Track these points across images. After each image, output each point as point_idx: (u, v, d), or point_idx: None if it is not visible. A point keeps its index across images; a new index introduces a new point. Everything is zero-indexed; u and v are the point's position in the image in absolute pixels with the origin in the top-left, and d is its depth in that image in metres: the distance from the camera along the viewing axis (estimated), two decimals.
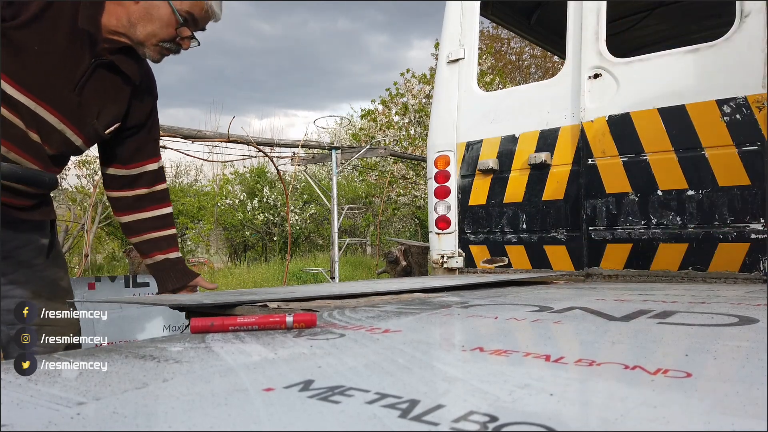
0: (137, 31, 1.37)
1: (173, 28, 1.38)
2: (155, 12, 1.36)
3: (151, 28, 1.37)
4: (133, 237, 1.65)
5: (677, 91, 2.37)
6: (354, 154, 7.18)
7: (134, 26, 1.37)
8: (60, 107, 1.38)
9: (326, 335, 0.94)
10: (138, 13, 1.36)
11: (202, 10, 1.41)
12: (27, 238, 1.49)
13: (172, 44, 1.42)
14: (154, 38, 1.39)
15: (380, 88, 21.16)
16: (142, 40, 1.38)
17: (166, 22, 1.37)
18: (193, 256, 13.15)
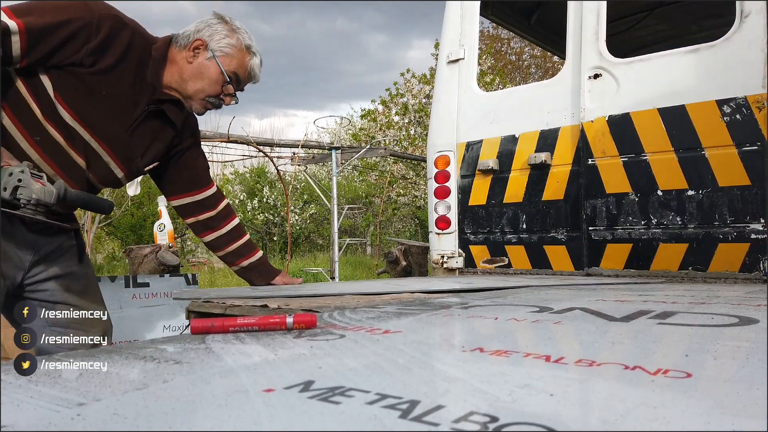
0: (188, 86, 1.57)
1: (220, 86, 1.58)
2: (206, 71, 1.56)
3: (201, 85, 1.57)
4: (217, 252, 1.92)
5: (677, 91, 2.37)
6: (354, 154, 7.18)
7: (186, 82, 1.57)
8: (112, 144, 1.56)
9: (326, 336, 0.94)
10: (191, 71, 1.56)
11: (246, 72, 1.62)
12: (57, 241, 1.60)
13: (216, 99, 1.61)
14: (202, 93, 1.58)
15: (380, 88, 21.19)
16: (191, 94, 1.58)
17: (215, 81, 1.57)
18: (193, 256, 13.16)
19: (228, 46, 1.57)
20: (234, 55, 1.58)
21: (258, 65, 1.64)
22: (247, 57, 1.61)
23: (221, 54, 1.56)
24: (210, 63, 1.56)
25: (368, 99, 33.94)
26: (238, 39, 1.58)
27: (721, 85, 2.25)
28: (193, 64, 1.56)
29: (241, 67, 1.61)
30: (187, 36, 1.56)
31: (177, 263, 3.68)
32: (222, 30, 1.57)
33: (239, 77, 1.62)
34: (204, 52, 1.56)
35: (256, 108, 35.51)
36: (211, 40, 1.55)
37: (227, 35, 1.57)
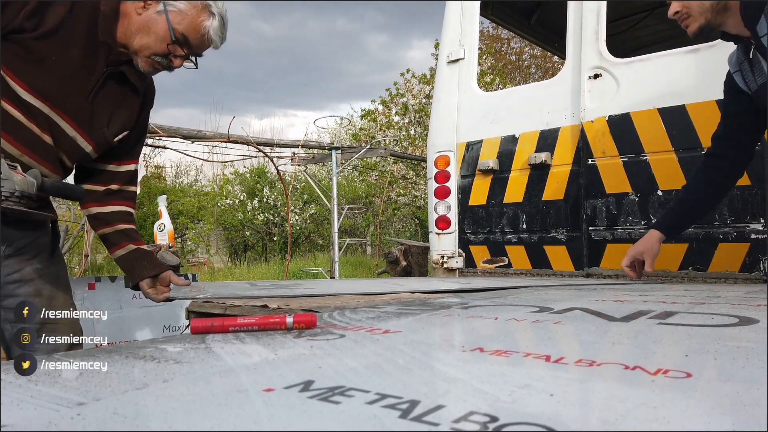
0: (134, 41, 1.43)
1: (166, 45, 1.43)
2: (153, 26, 1.42)
3: (146, 41, 1.42)
4: (104, 228, 1.63)
5: (677, 91, 2.38)
6: (354, 154, 7.18)
7: (132, 36, 1.43)
8: (73, 115, 1.45)
9: (326, 336, 0.94)
10: (138, 24, 1.42)
11: (198, 34, 1.45)
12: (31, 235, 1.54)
13: (163, 59, 1.46)
14: (147, 50, 1.44)
15: (380, 89, 21.19)
16: (137, 49, 1.44)
17: (161, 38, 1.42)
18: (194, 256, 13.16)
19: (182, 2, 1.41)
20: (187, 12, 1.42)
21: (217, 28, 1.46)
22: (202, 17, 1.44)
23: (173, 9, 1.41)
24: (159, 17, 1.40)
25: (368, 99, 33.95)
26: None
27: (721, 85, 2.25)
28: (142, 16, 1.41)
29: (194, 29, 1.44)
30: None
31: (177, 263, 3.67)
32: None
33: (189, 40, 1.45)
34: (155, 4, 1.41)
35: (256, 108, 35.55)
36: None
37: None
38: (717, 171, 1.98)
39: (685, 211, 2.06)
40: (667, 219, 2.09)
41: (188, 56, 1.48)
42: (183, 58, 1.47)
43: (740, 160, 1.97)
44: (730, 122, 1.92)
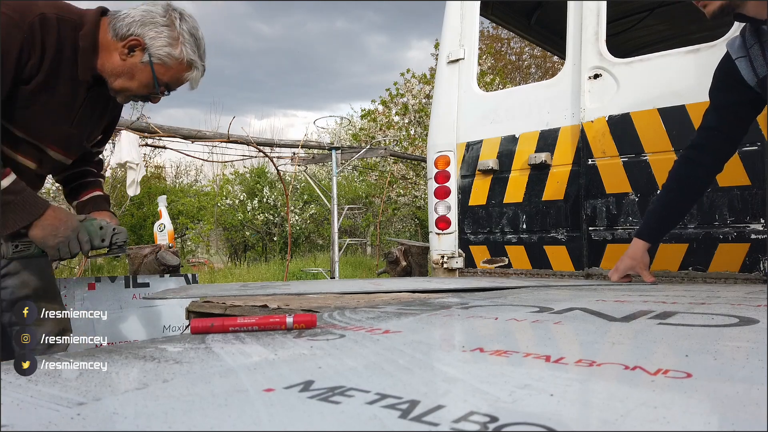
0: (115, 81, 1.47)
1: (148, 91, 1.49)
2: (138, 74, 1.45)
3: (128, 84, 1.47)
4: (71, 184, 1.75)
5: (677, 91, 2.37)
6: (354, 155, 7.18)
7: (115, 78, 1.46)
8: (58, 142, 1.53)
9: (326, 336, 0.94)
10: (121, 68, 1.45)
11: (180, 83, 1.52)
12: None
13: (142, 98, 1.54)
14: (128, 92, 1.49)
15: (379, 89, 21.17)
16: (117, 89, 1.48)
17: (144, 85, 1.47)
18: (194, 256, 13.16)
19: (168, 56, 1.44)
20: (172, 66, 1.46)
21: (197, 78, 1.52)
22: (185, 72, 1.49)
23: (158, 62, 1.43)
24: (144, 68, 1.44)
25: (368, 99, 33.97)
26: (181, 51, 1.45)
27: None
28: (126, 62, 1.43)
29: (177, 80, 1.50)
30: (128, 25, 1.41)
31: (177, 263, 3.68)
32: (166, 35, 1.43)
33: (171, 87, 1.51)
34: (140, 54, 1.43)
35: (255, 108, 35.56)
36: (151, 43, 1.42)
37: (170, 44, 1.43)
38: (701, 166, 1.92)
39: (668, 213, 2.01)
40: (650, 225, 2.04)
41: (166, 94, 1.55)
42: (161, 96, 1.54)
43: (727, 154, 1.92)
44: (724, 113, 1.85)
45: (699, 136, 1.93)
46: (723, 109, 1.85)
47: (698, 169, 1.93)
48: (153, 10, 1.44)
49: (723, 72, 1.83)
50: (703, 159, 1.91)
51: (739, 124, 1.86)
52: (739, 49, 1.74)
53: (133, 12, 1.43)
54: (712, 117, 1.89)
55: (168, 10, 1.45)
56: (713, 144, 1.89)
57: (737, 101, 1.80)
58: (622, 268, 2.05)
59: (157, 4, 1.46)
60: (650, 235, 2.03)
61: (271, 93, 49.71)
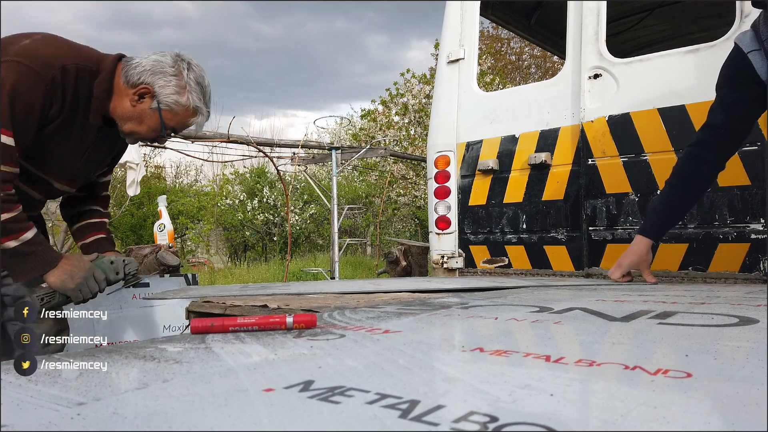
0: (125, 125, 1.56)
1: (156, 134, 1.58)
2: (146, 119, 1.54)
3: (137, 128, 1.56)
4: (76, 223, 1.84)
5: (677, 91, 2.37)
6: (354, 155, 7.17)
7: (125, 122, 1.55)
8: (67, 177, 1.64)
9: (326, 336, 0.94)
10: (131, 113, 1.54)
11: (185, 128, 1.62)
12: None
13: (150, 140, 1.63)
14: (136, 135, 1.59)
15: (379, 89, 21.15)
16: (126, 132, 1.57)
17: (153, 129, 1.56)
18: (194, 256, 13.16)
19: (175, 104, 1.53)
20: (179, 113, 1.55)
21: (202, 123, 1.63)
22: (191, 117, 1.59)
23: (166, 108, 1.53)
24: (152, 114, 1.53)
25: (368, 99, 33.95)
26: (187, 99, 1.54)
27: None
28: (136, 108, 1.53)
29: (183, 125, 1.60)
30: (138, 74, 1.51)
31: (177, 263, 3.68)
32: (174, 84, 1.52)
33: (177, 130, 1.62)
34: (149, 101, 1.52)
35: (255, 108, 35.56)
36: (160, 91, 1.51)
37: (177, 92, 1.53)
38: (705, 164, 1.90)
39: (671, 210, 2.00)
40: (653, 222, 2.03)
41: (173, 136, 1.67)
42: (167, 138, 1.64)
43: (731, 152, 1.90)
44: (731, 111, 1.81)
45: (704, 133, 1.90)
46: (731, 106, 1.82)
47: (702, 166, 1.92)
48: (163, 60, 1.53)
49: (732, 68, 1.80)
50: (707, 156, 1.90)
51: (745, 121, 1.84)
52: (751, 42, 1.71)
53: (144, 61, 1.52)
54: (719, 114, 1.86)
55: (177, 60, 1.54)
56: (718, 141, 1.87)
57: (746, 98, 1.76)
58: (625, 264, 2.05)
59: (167, 54, 1.55)
60: (654, 232, 2.03)
61: (271, 93, 49.73)
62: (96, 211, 1.83)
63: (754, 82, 1.72)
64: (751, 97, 1.75)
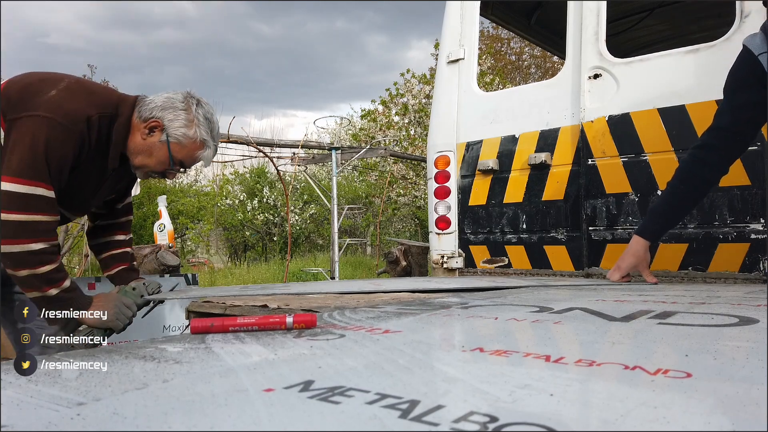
0: (136, 159, 1.62)
1: (165, 167, 1.63)
2: (155, 152, 1.60)
3: (147, 161, 1.61)
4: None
5: (677, 91, 2.37)
6: (354, 155, 7.18)
7: (135, 155, 1.61)
8: (79, 210, 1.76)
9: (326, 336, 0.94)
10: (141, 146, 1.60)
11: (193, 161, 1.66)
12: None
13: (159, 174, 1.67)
14: (146, 168, 1.63)
15: (379, 89, 21.14)
16: (137, 165, 1.63)
17: (161, 162, 1.61)
18: (194, 256, 13.16)
19: (183, 136, 1.59)
20: (187, 145, 1.61)
21: (209, 157, 1.68)
22: (199, 150, 1.64)
23: (174, 141, 1.59)
24: (161, 146, 1.59)
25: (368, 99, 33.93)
26: (195, 132, 1.60)
27: (720, 85, 2.25)
28: (146, 141, 1.59)
29: (190, 158, 1.64)
30: (150, 110, 1.58)
31: (177, 263, 3.68)
32: (182, 118, 1.59)
33: (185, 164, 1.66)
34: (159, 134, 1.58)
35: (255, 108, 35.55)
36: (169, 125, 1.58)
37: (185, 125, 1.59)
38: (709, 167, 1.89)
39: (672, 212, 1.99)
40: (653, 223, 2.02)
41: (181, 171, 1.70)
42: (176, 173, 1.68)
43: (736, 156, 1.88)
44: (739, 114, 1.79)
45: (710, 136, 1.88)
46: (739, 109, 1.79)
47: (705, 169, 1.90)
48: (174, 97, 1.61)
49: (742, 70, 1.77)
50: (711, 159, 1.88)
51: (753, 125, 1.81)
52: (761, 44, 1.69)
53: (157, 98, 1.61)
54: (726, 117, 1.83)
55: (187, 97, 1.62)
56: (724, 145, 1.85)
57: (755, 101, 1.74)
58: (624, 266, 2.04)
59: (178, 93, 1.63)
60: (653, 233, 2.02)
61: (271, 93, 49.76)
62: (118, 242, 1.91)
63: (763, 85, 1.69)
64: (760, 100, 1.72)
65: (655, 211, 2.06)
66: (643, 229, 2.04)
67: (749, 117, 1.79)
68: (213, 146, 1.68)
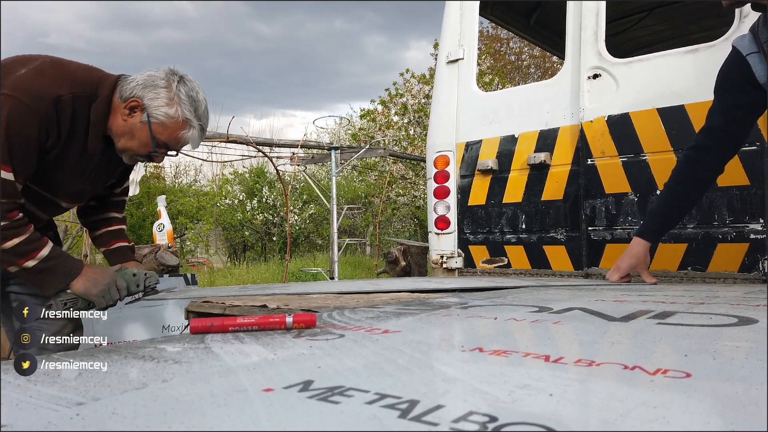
0: (119, 142, 1.56)
1: (149, 150, 1.56)
2: (137, 133, 1.53)
3: (130, 144, 1.55)
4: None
5: (676, 91, 2.37)
6: (353, 155, 7.18)
7: (118, 138, 1.55)
8: (73, 197, 1.68)
9: (326, 336, 0.94)
10: (123, 127, 1.53)
11: (178, 143, 1.58)
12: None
13: (144, 157, 1.60)
14: (130, 151, 1.57)
15: (378, 89, 21.18)
16: (120, 148, 1.57)
17: (144, 144, 1.55)
18: (193, 256, 13.16)
19: (164, 116, 1.51)
20: (169, 125, 1.53)
21: (195, 137, 1.59)
22: (182, 130, 1.55)
23: (155, 121, 1.51)
24: (143, 127, 1.52)
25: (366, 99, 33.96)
26: (176, 110, 1.52)
27: None
28: (127, 122, 1.52)
29: (174, 139, 1.56)
30: (131, 89, 1.51)
31: (176, 263, 3.68)
32: (163, 96, 1.51)
33: (170, 146, 1.58)
34: (139, 114, 1.51)
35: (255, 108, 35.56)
36: (150, 103, 1.50)
37: (166, 104, 1.51)
38: (704, 167, 1.90)
39: (670, 213, 2.00)
40: (652, 224, 2.03)
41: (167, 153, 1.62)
42: (162, 156, 1.61)
43: (730, 155, 1.89)
44: (730, 114, 1.81)
45: (703, 136, 1.90)
46: (729, 109, 1.82)
47: (701, 169, 1.91)
48: (155, 75, 1.53)
49: (731, 70, 1.79)
50: (706, 159, 1.89)
51: (744, 124, 1.83)
52: (750, 45, 1.71)
53: (138, 77, 1.53)
54: (718, 118, 1.85)
55: (168, 74, 1.54)
56: (718, 145, 1.87)
57: (745, 101, 1.76)
58: (623, 267, 2.05)
59: (160, 70, 1.54)
60: (652, 234, 2.02)
61: (271, 93, 49.76)
62: (113, 219, 1.86)
63: (753, 86, 1.72)
64: (749, 100, 1.75)
65: (654, 212, 2.06)
66: (643, 231, 2.04)
67: (740, 117, 1.82)
68: (198, 126, 1.58)
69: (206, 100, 1.59)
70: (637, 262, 2.02)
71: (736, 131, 1.85)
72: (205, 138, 6.03)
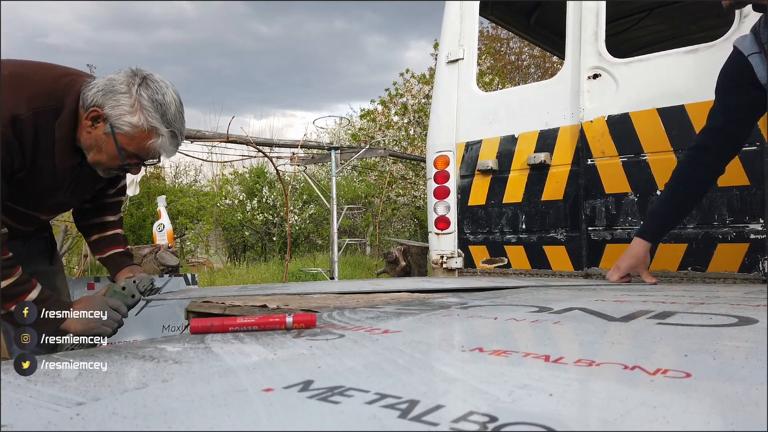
0: (89, 155, 1.44)
1: (119, 162, 1.43)
2: (104, 146, 1.40)
3: (99, 157, 1.42)
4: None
5: (676, 91, 2.37)
6: (353, 155, 7.17)
7: (87, 151, 1.43)
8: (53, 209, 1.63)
9: (326, 336, 0.94)
10: (90, 141, 1.41)
11: (148, 153, 1.43)
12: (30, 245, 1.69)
13: (119, 169, 1.48)
14: (101, 165, 1.45)
15: (378, 89, 21.20)
16: (92, 162, 1.45)
17: (113, 157, 1.41)
18: (193, 256, 13.16)
19: (128, 125, 1.36)
20: (135, 135, 1.37)
21: (167, 145, 1.42)
22: (149, 140, 1.39)
23: (120, 132, 1.37)
24: (107, 139, 1.38)
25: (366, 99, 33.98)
26: (139, 118, 1.36)
27: None
28: (92, 134, 1.39)
29: (143, 149, 1.41)
30: (92, 96, 1.37)
31: (176, 264, 3.68)
32: (124, 103, 1.36)
33: (140, 157, 1.44)
34: (102, 125, 1.37)
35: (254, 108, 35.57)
36: (111, 112, 1.36)
37: (128, 112, 1.36)
38: (705, 168, 1.90)
39: (671, 213, 2.00)
40: (652, 225, 2.03)
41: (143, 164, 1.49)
42: (138, 166, 1.48)
43: (731, 155, 1.89)
44: (731, 115, 1.81)
45: (704, 137, 1.90)
46: (730, 109, 1.82)
47: (702, 170, 1.91)
48: (116, 78, 1.38)
49: (732, 71, 1.79)
50: (707, 160, 1.89)
51: (745, 124, 1.83)
52: (751, 46, 1.71)
53: (99, 82, 1.39)
54: (719, 118, 1.85)
55: (129, 76, 1.39)
56: (718, 145, 1.87)
57: (746, 101, 1.76)
58: (624, 267, 2.05)
59: (121, 72, 1.40)
60: (652, 235, 2.03)
61: (271, 93, 49.74)
62: (108, 223, 1.76)
63: (754, 86, 1.72)
64: (750, 100, 1.75)
65: (654, 212, 2.06)
66: (643, 231, 2.05)
67: (741, 117, 1.82)
68: (168, 133, 1.40)
69: (178, 100, 1.43)
70: (637, 262, 2.02)
71: (737, 131, 1.85)
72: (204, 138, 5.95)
